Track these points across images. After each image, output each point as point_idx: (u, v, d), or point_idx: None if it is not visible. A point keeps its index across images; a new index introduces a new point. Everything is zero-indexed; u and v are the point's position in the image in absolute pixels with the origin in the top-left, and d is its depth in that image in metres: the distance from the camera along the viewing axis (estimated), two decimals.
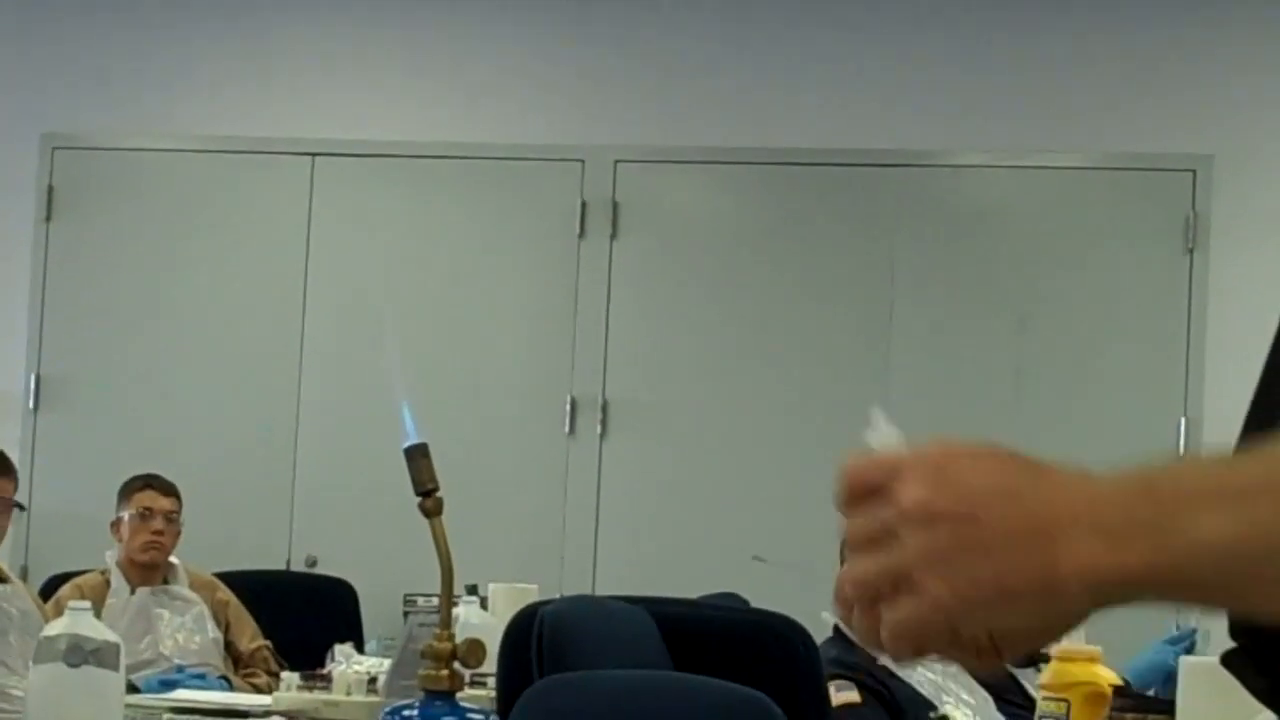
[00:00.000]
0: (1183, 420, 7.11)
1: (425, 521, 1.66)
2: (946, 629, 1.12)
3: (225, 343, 7.66)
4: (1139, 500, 1.11)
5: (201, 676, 5.81)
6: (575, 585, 7.00)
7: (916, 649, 1.15)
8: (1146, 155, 7.23)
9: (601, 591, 6.84)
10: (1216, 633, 1.32)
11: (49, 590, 6.21)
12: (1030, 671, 4.52)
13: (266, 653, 6.30)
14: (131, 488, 6.38)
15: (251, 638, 6.33)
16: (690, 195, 7.60)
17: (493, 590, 6.01)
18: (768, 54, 7.50)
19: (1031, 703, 4.05)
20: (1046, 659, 3.10)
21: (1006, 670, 4.61)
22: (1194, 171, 7.22)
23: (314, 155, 7.67)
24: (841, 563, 1.18)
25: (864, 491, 1.16)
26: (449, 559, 1.62)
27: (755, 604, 5.14)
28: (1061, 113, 7.32)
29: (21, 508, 5.85)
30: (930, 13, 7.42)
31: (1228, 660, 1.26)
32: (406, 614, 6.52)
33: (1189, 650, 4.46)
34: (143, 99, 7.80)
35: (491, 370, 7.54)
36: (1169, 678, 4.56)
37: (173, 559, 6.35)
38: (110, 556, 6.30)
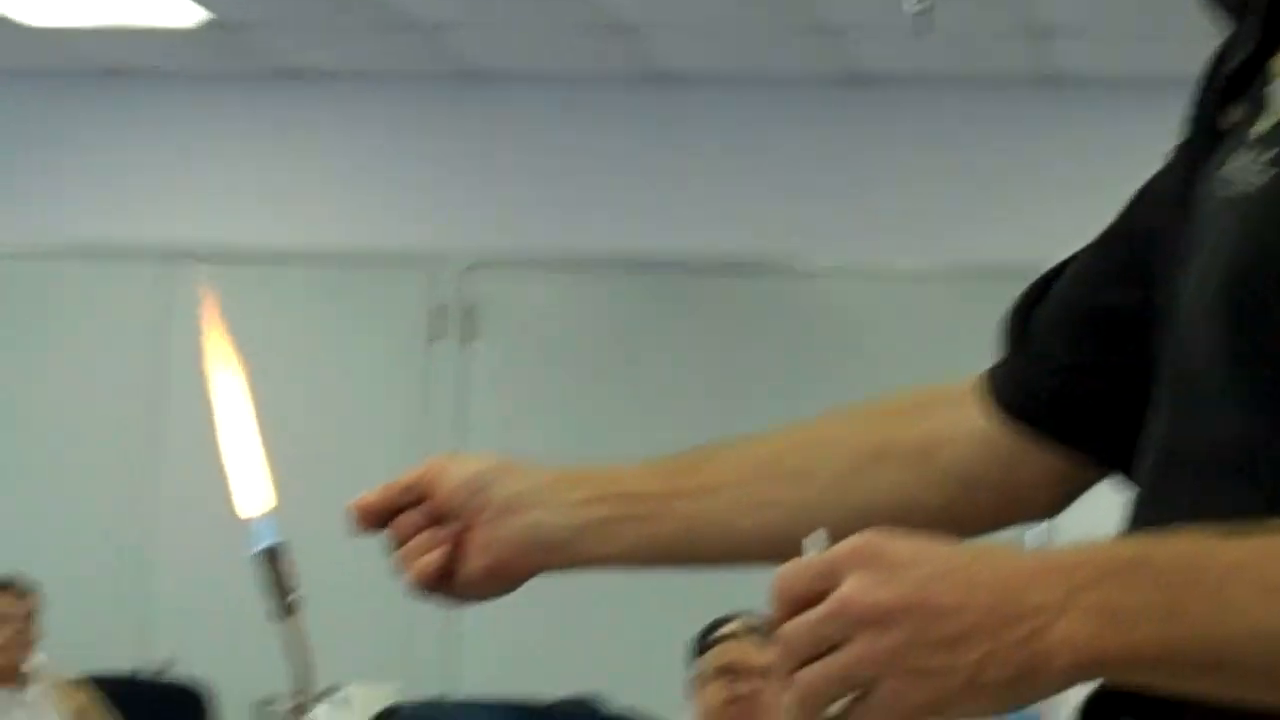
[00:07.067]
0: None
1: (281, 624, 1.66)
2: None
3: (83, 447, 7.59)
4: (1136, 578, 0.99)
5: None
6: (437, 682, 6.96)
7: None
8: (992, 265, 7.30)
9: (466, 685, 6.82)
10: None
11: None
12: None
13: None
14: None
15: None
16: (544, 300, 7.61)
17: (350, 692, 5.97)
18: (624, 159, 7.54)
19: None
20: None
21: None
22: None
23: (172, 258, 7.61)
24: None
25: (798, 602, 1.03)
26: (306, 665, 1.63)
27: (620, 701, 5.14)
28: (913, 221, 7.38)
29: None
30: (785, 121, 7.48)
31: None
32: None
33: None
34: None
35: (350, 475, 7.49)
36: None
37: (39, 658, 6.27)
38: None
